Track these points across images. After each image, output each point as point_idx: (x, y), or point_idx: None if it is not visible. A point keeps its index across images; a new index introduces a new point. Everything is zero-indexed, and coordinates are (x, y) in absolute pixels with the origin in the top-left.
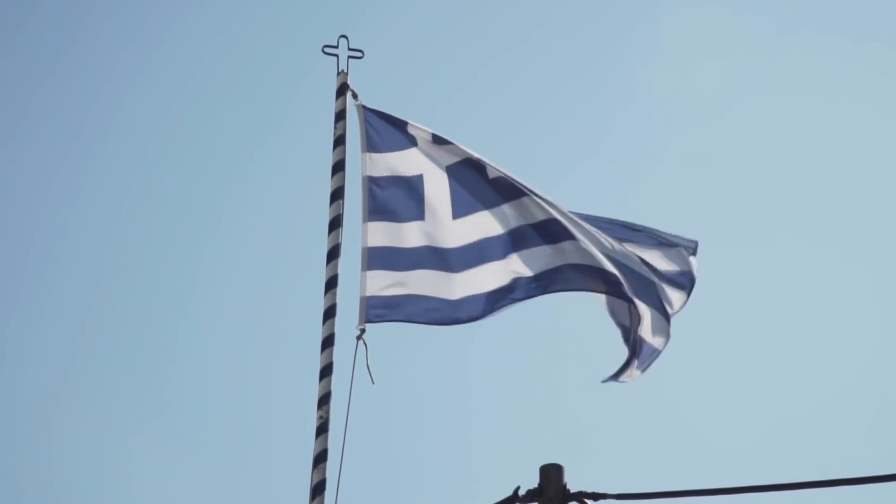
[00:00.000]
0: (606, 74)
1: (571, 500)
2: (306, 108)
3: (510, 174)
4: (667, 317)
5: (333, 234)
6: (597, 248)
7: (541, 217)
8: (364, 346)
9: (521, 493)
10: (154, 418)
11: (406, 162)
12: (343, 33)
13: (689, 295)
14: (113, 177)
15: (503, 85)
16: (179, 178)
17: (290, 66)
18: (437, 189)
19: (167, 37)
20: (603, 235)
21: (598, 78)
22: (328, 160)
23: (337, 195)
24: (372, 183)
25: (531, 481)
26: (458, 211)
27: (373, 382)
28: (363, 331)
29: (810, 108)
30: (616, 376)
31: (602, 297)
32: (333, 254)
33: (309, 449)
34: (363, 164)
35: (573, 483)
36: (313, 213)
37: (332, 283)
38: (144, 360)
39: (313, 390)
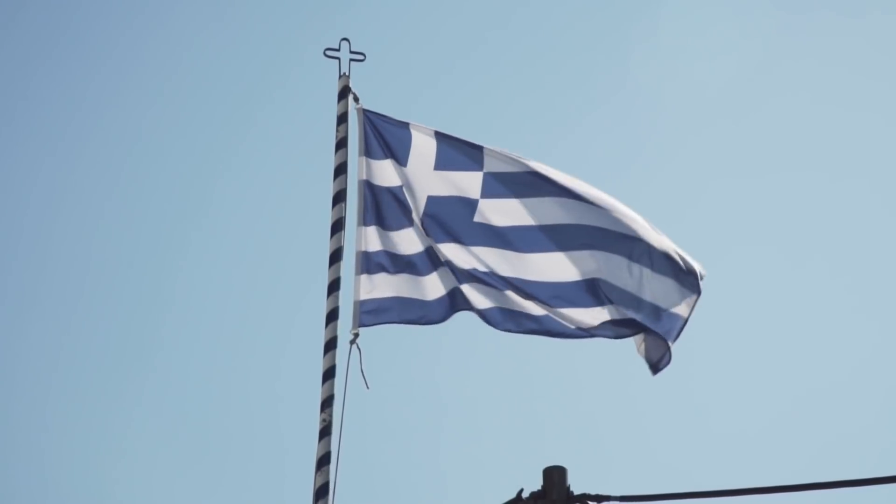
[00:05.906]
0: (605, 71)
1: (575, 503)
2: (308, 111)
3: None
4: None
5: (335, 237)
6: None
7: (509, 274)
8: (358, 351)
9: (525, 495)
10: (155, 421)
11: (401, 170)
12: (345, 36)
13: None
14: (113, 178)
15: (504, 85)
16: (179, 181)
17: (292, 69)
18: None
19: (167, 39)
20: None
21: (596, 75)
22: (330, 163)
23: (339, 198)
24: (368, 187)
25: (534, 483)
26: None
27: (367, 388)
28: (357, 335)
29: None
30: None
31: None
32: (336, 257)
33: (312, 452)
34: (360, 168)
35: (577, 485)
36: (315, 216)
37: (334, 287)
38: (145, 364)
39: (316, 393)
